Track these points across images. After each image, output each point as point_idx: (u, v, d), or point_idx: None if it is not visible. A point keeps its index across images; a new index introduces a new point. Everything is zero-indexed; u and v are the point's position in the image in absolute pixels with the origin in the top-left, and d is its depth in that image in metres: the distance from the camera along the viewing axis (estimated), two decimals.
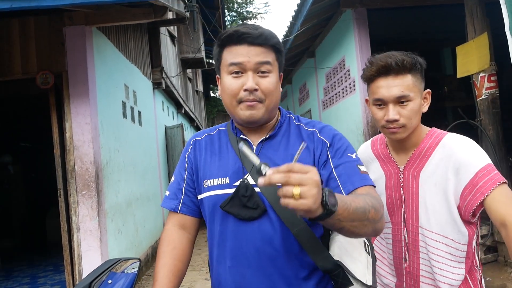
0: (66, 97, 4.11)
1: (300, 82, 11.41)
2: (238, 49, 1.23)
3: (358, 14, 6.56)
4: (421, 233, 1.44)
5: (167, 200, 1.42)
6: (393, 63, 1.38)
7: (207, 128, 1.49)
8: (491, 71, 4.17)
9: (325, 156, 1.26)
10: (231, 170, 1.29)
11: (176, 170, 1.43)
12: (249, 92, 1.21)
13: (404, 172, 1.50)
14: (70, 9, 3.88)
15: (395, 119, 1.40)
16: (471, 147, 1.38)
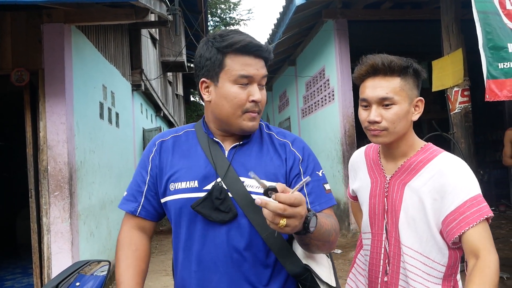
0: (41, 95, 4.02)
1: (280, 90, 11.48)
2: (247, 60, 1.24)
3: (339, 25, 6.66)
4: (402, 248, 1.39)
5: (125, 201, 1.38)
6: (380, 63, 1.35)
7: (172, 129, 1.45)
8: (465, 86, 4.29)
9: (297, 170, 1.31)
10: (201, 173, 1.27)
11: (137, 171, 1.39)
12: (255, 103, 1.26)
13: (390, 182, 1.44)
14: (49, 6, 3.81)
15: (376, 121, 1.35)
16: (465, 173, 1.31)
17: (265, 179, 1.25)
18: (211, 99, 1.28)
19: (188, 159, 1.32)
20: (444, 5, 4.48)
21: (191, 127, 1.42)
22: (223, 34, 1.26)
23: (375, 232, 1.49)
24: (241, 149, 1.32)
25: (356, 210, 1.79)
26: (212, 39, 1.27)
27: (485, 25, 3.13)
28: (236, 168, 1.27)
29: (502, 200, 8.13)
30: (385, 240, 1.45)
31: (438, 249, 1.34)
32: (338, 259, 5.55)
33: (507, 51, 3.10)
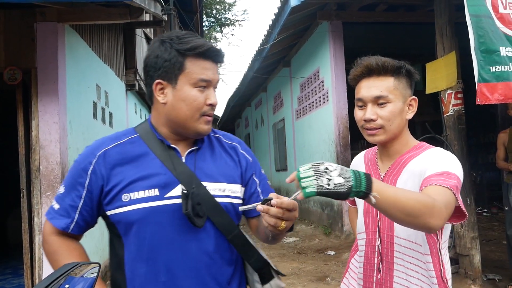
0: (34, 94, 4.00)
1: (275, 91, 11.49)
2: (206, 64, 1.26)
3: (334, 27, 6.69)
4: (397, 242, 1.41)
5: (57, 216, 1.28)
6: (375, 64, 1.40)
7: (110, 136, 1.35)
8: (458, 89, 4.31)
9: (251, 171, 1.41)
10: (160, 181, 1.24)
11: (71, 184, 1.29)
12: (211, 106, 1.28)
13: (383, 179, 1.47)
14: (42, 5, 3.79)
15: (372, 119, 1.39)
16: (446, 156, 1.34)
17: (225, 181, 1.32)
18: (167, 101, 1.26)
19: (141, 167, 1.26)
20: (438, 8, 4.50)
21: (133, 132, 1.34)
22: (180, 36, 1.25)
23: (369, 231, 1.51)
24: (196, 154, 1.33)
25: (353, 216, 1.79)
26: (169, 41, 1.25)
27: (477, 28, 3.15)
28: (197, 174, 1.28)
29: (494, 202, 8.19)
30: (377, 238, 1.47)
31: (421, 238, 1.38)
32: (331, 261, 5.56)
33: (499, 54, 3.12)
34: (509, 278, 4.32)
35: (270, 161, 12.80)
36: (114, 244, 1.30)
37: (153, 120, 1.33)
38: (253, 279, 1.38)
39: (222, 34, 24.68)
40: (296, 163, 9.67)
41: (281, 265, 5.52)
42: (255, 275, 1.37)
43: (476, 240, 4.30)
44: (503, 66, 3.13)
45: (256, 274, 1.36)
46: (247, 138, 17.41)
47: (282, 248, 6.51)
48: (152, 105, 1.33)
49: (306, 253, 6.08)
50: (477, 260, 4.26)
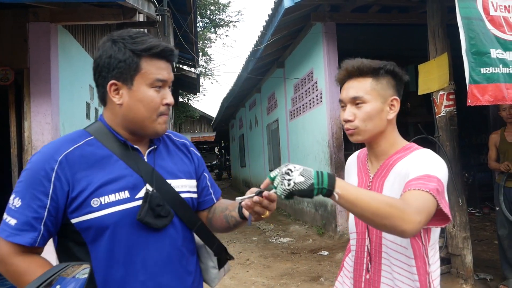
0: (26, 95, 3.98)
1: (269, 92, 11.50)
2: (161, 64, 1.26)
3: (327, 28, 6.71)
4: (384, 243, 1.43)
5: (15, 231, 1.16)
6: (351, 67, 1.44)
7: (64, 138, 1.28)
8: (450, 90, 4.35)
9: (202, 167, 1.49)
10: (129, 183, 1.24)
11: (30, 194, 1.18)
12: (167, 106, 1.29)
13: (372, 180, 1.49)
14: (35, 5, 3.78)
15: (348, 119, 1.43)
16: (428, 158, 1.34)
17: (184, 177, 1.38)
18: (123, 102, 1.25)
19: (107, 170, 1.23)
20: (430, 10, 4.54)
21: (87, 134, 1.29)
22: (132, 36, 1.24)
23: (359, 231, 1.53)
24: (156, 153, 1.35)
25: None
26: (122, 40, 1.23)
27: (468, 30, 3.18)
28: (160, 172, 1.31)
29: (486, 203, 8.26)
30: (367, 238, 1.49)
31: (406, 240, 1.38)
32: (325, 261, 5.58)
33: (489, 56, 3.15)
34: (500, 277, 4.36)
35: (264, 162, 12.81)
36: (73, 253, 1.24)
37: (109, 121, 1.31)
38: (207, 265, 1.47)
39: (216, 35, 24.69)
40: None
41: (274, 265, 5.53)
42: (210, 262, 1.46)
43: (468, 240, 4.33)
44: (493, 68, 3.16)
45: (211, 261, 1.46)
46: (241, 138, 17.42)
47: (276, 248, 6.52)
48: (105, 106, 1.31)
49: (299, 254, 6.09)
50: (469, 260, 4.29)
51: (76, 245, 1.24)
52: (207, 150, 33.59)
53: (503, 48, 3.23)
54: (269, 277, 5.03)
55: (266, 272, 5.24)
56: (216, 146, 33.99)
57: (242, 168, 17.83)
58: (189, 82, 17.66)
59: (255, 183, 14.62)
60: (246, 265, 5.62)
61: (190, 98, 28.35)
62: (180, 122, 27.34)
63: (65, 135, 1.32)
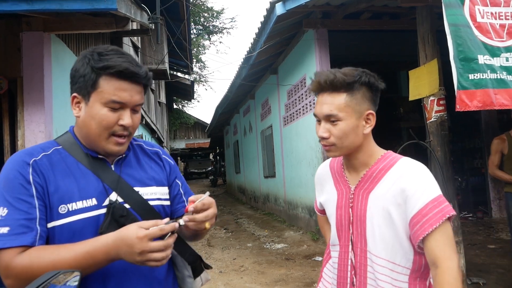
0: (20, 103, 3.99)
1: (263, 98, 11.54)
2: (122, 85, 1.21)
3: (319, 35, 6.77)
4: (369, 257, 1.40)
5: (10, 237, 1.11)
6: (323, 82, 1.38)
7: (34, 147, 1.29)
8: (440, 95, 4.40)
9: (174, 174, 1.47)
10: (96, 190, 1.24)
11: (14, 200, 1.15)
12: (124, 127, 1.24)
13: (354, 192, 1.46)
14: (28, 14, 3.80)
15: (323, 137, 1.39)
16: (424, 176, 1.34)
17: (155, 185, 1.37)
18: (80, 116, 1.25)
19: (73, 178, 1.24)
20: (420, 16, 4.60)
21: (55, 144, 1.30)
22: (102, 53, 1.22)
23: (342, 244, 1.50)
24: (123, 162, 1.35)
25: (323, 223, 1.82)
26: (90, 56, 1.23)
27: (456, 37, 3.23)
28: (127, 180, 1.31)
29: (479, 207, 8.31)
30: (351, 252, 1.46)
31: (403, 253, 1.36)
32: (319, 267, 5.59)
33: (477, 62, 3.21)
34: (493, 281, 4.39)
35: (259, 168, 12.83)
36: None
37: (76, 132, 1.32)
38: (183, 275, 1.45)
39: (210, 41, 24.80)
40: (284, 169, 9.71)
41: (269, 271, 5.54)
42: (185, 271, 1.45)
43: (460, 244, 4.36)
44: (481, 74, 3.21)
45: (186, 270, 1.45)
46: (236, 145, 17.44)
47: (270, 255, 6.53)
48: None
49: (294, 259, 6.10)
50: (462, 264, 4.32)
51: None
52: (202, 157, 33.57)
53: (491, 54, 3.29)
54: (263, 283, 5.03)
55: (261, 278, 5.25)
56: (211, 152, 33.95)
57: (236, 174, 17.83)
58: (183, 89, 17.71)
59: (250, 189, 14.63)
60: (241, 272, 5.62)
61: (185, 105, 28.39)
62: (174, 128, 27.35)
63: (35, 145, 1.33)
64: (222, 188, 23.81)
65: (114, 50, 1.25)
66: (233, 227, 9.72)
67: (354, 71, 1.38)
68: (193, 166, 32.64)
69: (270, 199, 11.38)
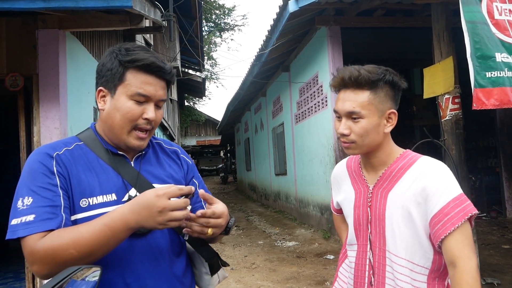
0: (35, 100, 4.04)
1: (274, 95, 11.53)
2: (147, 78, 1.25)
3: (332, 32, 6.73)
4: (388, 257, 1.39)
5: (37, 223, 1.10)
6: (347, 78, 1.36)
7: (57, 142, 1.31)
8: (455, 94, 4.35)
9: (191, 173, 1.49)
10: (116, 186, 1.26)
11: (38, 189, 1.16)
12: (147, 121, 1.27)
13: (373, 191, 1.45)
14: (44, 12, 3.83)
15: (344, 134, 1.38)
16: (445, 174, 1.33)
17: (173, 182, 1.36)
18: (105, 109, 1.28)
19: (94, 173, 1.26)
20: (435, 13, 4.55)
21: (77, 140, 1.32)
22: (129, 48, 1.26)
23: (360, 243, 1.49)
24: (143, 159, 1.37)
25: (339, 223, 1.81)
26: (117, 51, 1.26)
27: (473, 34, 3.19)
28: (146, 177, 1.33)
29: (493, 206, 8.20)
30: (369, 251, 1.45)
31: (422, 253, 1.35)
32: (330, 265, 5.58)
33: (494, 60, 3.16)
34: (508, 282, 4.34)
35: (270, 166, 12.83)
36: None
37: (98, 128, 1.35)
38: (201, 271, 1.46)
39: (221, 39, 24.82)
40: (296, 167, 9.70)
41: (280, 269, 5.54)
42: (203, 268, 1.45)
43: (474, 244, 4.32)
44: (498, 72, 3.16)
45: (204, 267, 1.45)
46: (247, 142, 17.45)
47: (282, 252, 6.53)
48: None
49: (305, 257, 6.09)
50: None
51: None
52: (212, 154, 33.64)
53: (508, 52, 3.23)
54: (274, 281, 5.04)
55: (272, 276, 5.25)
56: (221, 149, 34.03)
57: (247, 171, 17.85)
58: (195, 86, 17.76)
59: (261, 186, 14.64)
60: (252, 269, 5.63)
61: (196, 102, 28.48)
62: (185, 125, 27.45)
63: (56, 141, 1.35)
64: (232, 186, 23.87)
65: (141, 47, 1.29)
66: (244, 225, 9.73)
67: (378, 69, 1.37)
68: (204, 163, 32.74)
69: (281, 197, 11.37)
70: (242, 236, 8.31)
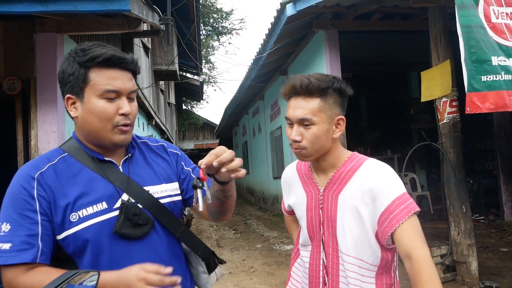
0: (33, 104, 4.03)
1: (272, 99, 11.54)
2: (112, 73, 1.22)
3: (329, 35, 6.74)
4: (340, 256, 1.44)
5: (12, 254, 1.13)
6: (298, 86, 1.40)
7: (39, 158, 1.29)
8: (453, 97, 4.36)
9: (180, 164, 1.46)
10: (105, 194, 1.25)
11: (17, 215, 1.17)
12: (124, 116, 1.25)
13: (324, 194, 1.49)
14: (42, 16, 3.84)
15: (296, 140, 1.42)
16: (390, 175, 1.40)
17: (164, 182, 1.37)
18: (78, 115, 1.25)
19: (81, 184, 1.24)
20: (432, 17, 4.57)
21: (61, 152, 1.30)
22: (85, 48, 1.23)
23: (314, 244, 1.53)
24: (131, 162, 1.35)
25: (290, 222, 1.88)
26: (74, 54, 1.23)
27: (468, 39, 3.19)
28: (136, 180, 1.31)
29: (491, 209, 8.21)
30: (322, 252, 1.50)
31: (371, 251, 1.40)
32: None
33: (490, 64, 3.17)
34: (507, 285, 4.34)
35: (268, 169, 12.82)
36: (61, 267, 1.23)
37: (78, 136, 1.32)
38: (198, 271, 1.47)
39: (219, 42, 24.83)
40: None
41: (278, 272, 5.53)
42: (200, 267, 1.47)
43: (472, 247, 4.32)
44: (494, 76, 3.17)
45: (201, 266, 1.46)
46: (245, 146, 17.45)
47: (280, 256, 6.52)
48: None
49: None
50: (474, 267, 4.28)
51: (64, 261, 1.25)
52: None
53: (506, 55, 3.24)
54: (273, 284, 5.02)
55: (270, 279, 5.24)
56: None
57: (245, 175, 17.83)
58: (193, 90, 17.77)
59: (259, 190, 14.62)
60: (250, 273, 5.62)
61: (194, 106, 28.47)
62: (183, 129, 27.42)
63: (40, 155, 1.33)
64: None
65: (96, 44, 1.25)
66: (242, 228, 9.72)
67: (326, 77, 1.42)
68: None
69: (279, 200, 11.36)
70: (240, 239, 8.29)
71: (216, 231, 9.49)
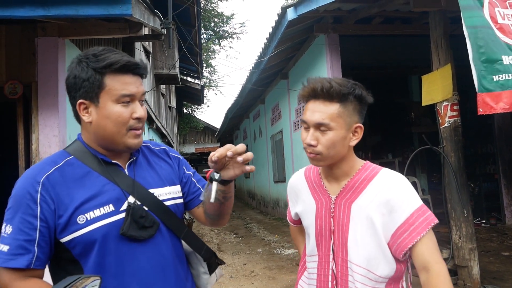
0: (34, 108, 4.03)
1: (273, 103, 11.54)
2: (126, 78, 1.26)
3: (330, 39, 6.75)
4: (350, 267, 1.40)
5: (10, 257, 1.17)
6: (319, 89, 1.37)
7: (44, 160, 1.31)
8: (454, 101, 4.36)
9: (182, 169, 1.50)
10: (112, 196, 1.27)
11: (19, 219, 1.20)
12: (138, 120, 1.28)
13: (336, 202, 1.45)
14: (43, 20, 3.84)
15: (311, 144, 1.39)
16: (407, 186, 1.38)
17: (168, 185, 1.40)
18: (92, 120, 1.27)
19: (88, 187, 1.26)
20: (433, 21, 4.58)
21: (66, 155, 1.32)
22: (97, 54, 1.25)
23: (322, 254, 1.49)
24: (136, 165, 1.38)
25: (296, 234, 1.82)
26: (85, 59, 1.25)
27: (476, 39, 3.13)
28: (141, 183, 1.34)
29: (492, 213, 8.19)
30: (332, 262, 1.45)
31: (386, 263, 1.37)
32: None
33: (501, 63, 3.08)
34: None
35: (269, 173, 12.81)
36: (66, 270, 1.26)
37: (85, 139, 1.33)
38: (198, 271, 1.50)
39: (220, 46, 24.85)
40: None
41: (279, 277, 5.51)
42: (201, 268, 1.49)
43: (474, 251, 4.31)
44: (507, 75, 3.07)
45: (202, 266, 1.49)
46: (246, 150, 17.40)
47: (281, 260, 6.50)
48: (81, 125, 1.34)
49: None
50: (476, 271, 4.26)
51: (68, 263, 1.26)
52: None
53: None
54: None
55: (271, 284, 5.22)
56: None
57: (246, 179, 17.82)
58: (193, 94, 17.78)
59: (260, 194, 14.61)
60: (251, 277, 5.60)
61: (195, 109, 28.48)
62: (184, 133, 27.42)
63: (46, 157, 1.35)
64: None
65: (106, 49, 1.28)
66: (243, 232, 9.70)
67: (348, 83, 1.39)
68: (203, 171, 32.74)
69: (280, 204, 11.34)
70: (241, 244, 8.28)
71: (217, 235, 9.47)
